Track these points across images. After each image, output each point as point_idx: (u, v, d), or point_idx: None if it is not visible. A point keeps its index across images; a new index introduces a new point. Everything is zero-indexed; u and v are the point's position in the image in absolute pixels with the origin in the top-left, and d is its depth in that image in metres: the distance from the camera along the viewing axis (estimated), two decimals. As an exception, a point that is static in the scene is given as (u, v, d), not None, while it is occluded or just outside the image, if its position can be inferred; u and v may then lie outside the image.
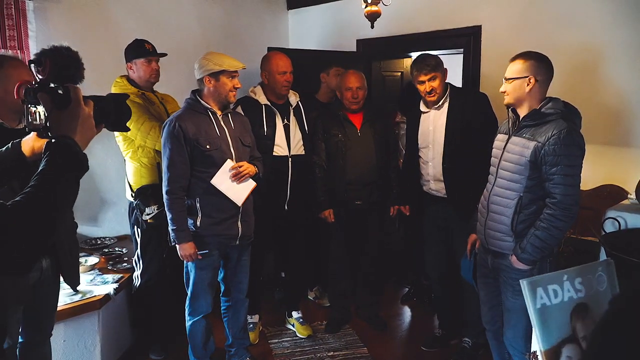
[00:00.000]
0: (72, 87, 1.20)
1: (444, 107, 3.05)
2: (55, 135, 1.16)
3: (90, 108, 1.23)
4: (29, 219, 1.01)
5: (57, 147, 1.13)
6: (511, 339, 2.43)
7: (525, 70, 2.26)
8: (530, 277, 2.29)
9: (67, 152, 1.13)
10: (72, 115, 1.18)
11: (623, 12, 3.04)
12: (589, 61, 3.17)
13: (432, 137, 3.09)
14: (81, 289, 2.77)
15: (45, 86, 1.22)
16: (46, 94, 1.19)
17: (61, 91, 1.19)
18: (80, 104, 1.19)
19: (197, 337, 2.84)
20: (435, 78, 2.95)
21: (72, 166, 1.13)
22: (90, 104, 1.23)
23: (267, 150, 3.13)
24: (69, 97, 1.18)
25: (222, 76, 2.64)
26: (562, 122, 2.18)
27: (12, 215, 0.99)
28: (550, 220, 2.17)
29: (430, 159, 3.10)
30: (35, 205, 1.03)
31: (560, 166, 2.13)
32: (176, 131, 2.56)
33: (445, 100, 3.04)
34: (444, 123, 3.02)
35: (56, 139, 1.15)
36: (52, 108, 1.18)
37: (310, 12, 4.77)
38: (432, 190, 3.14)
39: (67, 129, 1.16)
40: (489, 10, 3.57)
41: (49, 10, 3.31)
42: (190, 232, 2.64)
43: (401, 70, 4.54)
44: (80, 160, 1.15)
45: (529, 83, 2.24)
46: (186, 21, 4.10)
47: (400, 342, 3.50)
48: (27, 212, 1.01)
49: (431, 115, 3.10)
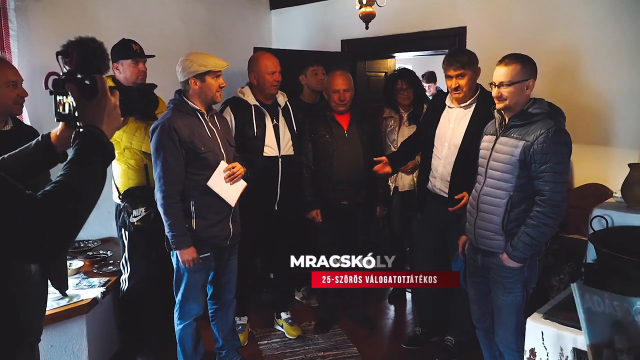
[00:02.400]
0: (99, 78, 1.24)
1: (470, 108, 2.89)
2: (83, 124, 1.20)
3: (116, 98, 1.27)
4: (59, 207, 1.02)
5: (85, 136, 1.17)
6: (502, 337, 2.47)
7: (526, 73, 2.28)
8: (520, 274, 2.36)
9: (95, 141, 1.17)
10: (99, 105, 1.22)
11: (604, 13, 3.10)
12: (571, 62, 3.23)
13: (449, 135, 2.94)
14: (68, 293, 2.72)
15: (72, 77, 1.25)
16: (74, 84, 1.23)
17: (88, 81, 1.23)
18: (107, 94, 1.23)
19: (187, 340, 2.81)
20: (464, 76, 2.78)
21: (100, 155, 1.16)
22: (116, 94, 1.27)
23: (257, 151, 3.11)
24: (96, 87, 1.22)
25: (208, 77, 2.61)
26: (549, 121, 2.23)
27: (43, 205, 1.00)
28: (540, 217, 2.21)
29: (443, 157, 2.97)
30: (65, 193, 1.05)
31: (549, 164, 2.18)
32: (171, 134, 2.52)
33: (473, 102, 2.88)
34: (466, 125, 2.87)
35: (84, 128, 1.19)
36: (80, 98, 1.22)
37: (294, 12, 4.76)
38: (435, 188, 3.03)
39: (95, 119, 1.20)
40: (474, 11, 3.62)
41: (30, 9, 3.23)
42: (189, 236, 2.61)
43: (385, 71, 4.56)
44: (107, 149, 1.19)
45: (529, 87, 2.28)
46: (169, 20, 4.05)
47: (390, 341, 3.52)
48: (57, 201, 1.03)
49: (454, 112, 2.94)
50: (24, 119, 3.07)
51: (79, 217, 1.08)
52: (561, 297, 2.45)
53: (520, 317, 2.36)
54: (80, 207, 1.08)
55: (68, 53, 1.33)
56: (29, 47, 3.23)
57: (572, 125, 2.45)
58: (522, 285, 2.36)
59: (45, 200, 1.01)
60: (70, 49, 1.32)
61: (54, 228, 1.01)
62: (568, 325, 2.14)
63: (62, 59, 1.34)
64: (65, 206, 1.04)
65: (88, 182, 1.11)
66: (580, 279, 2.53)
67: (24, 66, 3.14)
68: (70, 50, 1.32)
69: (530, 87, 2.29)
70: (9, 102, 2.34)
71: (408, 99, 3.73)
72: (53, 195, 1.03)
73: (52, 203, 1.02)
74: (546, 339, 2.13)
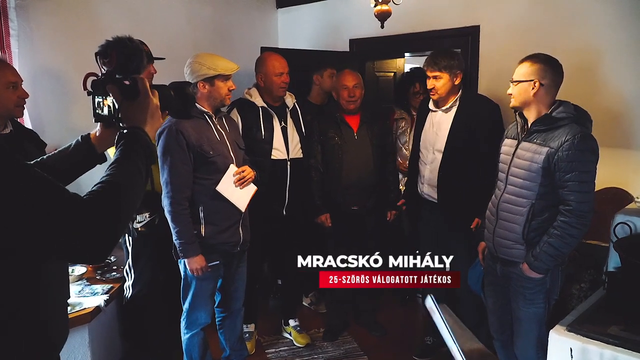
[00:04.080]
0: (139, 79, 1.23)
1: (452, 110, 2.89)
2: (127, 125, 1.21)
3: (156, 98, 1.26)
4: (107, 207, 1.02)
5: (130, 138, 1.18)
6: (522, 349, 2.37)
7: (532, 73, 2.19)
8: (542, 285, 2.26)
9: (139, 142, 1.18)
10: (142, 106, 1.22)
11: (623, 12, 3.00)
12: (589, 62, 3.13)
13: (433, 139, 2.96)
14: (70, 301, 2.63)
15: (112, 78, 1.25)
16: (115, 85, 1.22)
17: (128, 82, 1.22)
18: (149, 95, 1.23)
19: (194, 351, 2.73)
20: (439, 78, 2.79)
21: (144, 156, 1.17)
22: (156, 94, 1.27)
23: (265, 154, 3.03)
24: (137, 88, 1.22)
25: (217, 80, 2.54)
26: (575, 126, 2.12)
27: (91, 204, 1.00)
28: (565, 228, 2.11)
29: (429, 162, 2.98)
30: (112, 193, 1.05)
31: (575, 172, 2.07)
32: (179, 138, 2.44)
33: (454, 104, 2.88)
34: (448, 128, 2.88)
35: (128, 130, 1.19)
36: (122, 99, 1.22)
37: (301, 10, 4.66)
38: (424, 193, 3.03)
39: (138, 120, 1.21)
40: (488, 10, 3.51)
41: (31, 8, 3.14)
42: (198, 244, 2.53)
43: (394, 71, 4.46)
44: (150, 150, 1.20)
45: (534, 87, 2.18)
46: (175, 19, 3.96)
47: (401, 350, 3.42)
48: (105, 200, 1.03)
49: (437, 116, 2.96)
50: (24, 121, 2.99)
51: (125, 216, 1.09)
52: (584, 307, 2.35)
53: (541, 330, 2.26)
54: (126, 207, 1.08)
55: (107, 53, 1.30)
56: (30, 47, 3.14)
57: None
58: (544, 296, 2.26)
59: (93, 200, 1.02)
60: (108, 49, 1.28)
61: (101, 227, 1.00)
62: (593, 338, 2.05)
63: (100, 60, 1.30)
64: (112, 206, 1.04)
65: (133, 183, 1.12)
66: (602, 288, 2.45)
67: (25, 66, 3.06)
68: (109, 50, 1.28)
69: (536, 87, 2.18)
70: (10, 104, 2.26)
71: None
72: (101, 195, 1.03)
73: (100, 202, 1.02)
74: (575, 355, 2.03)
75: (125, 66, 1.29)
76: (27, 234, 0.95)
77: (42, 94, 3.20)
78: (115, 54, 1.29)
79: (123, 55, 1.29)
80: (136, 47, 1.31)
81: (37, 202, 0.95)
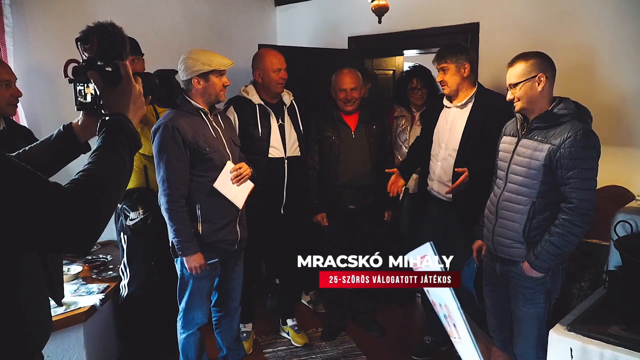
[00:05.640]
0: (121, 64, 1.21)
1: (467, 106, 2.78)
2: (109, 112, 1.18)
3: (139, 85, 1.24)
4: (89, 196, 1.00)
5: (111, 125, 1.15)
6: (521, 349, 2.34)
7: (532, 70, 2.15)
8: (543, 285, 2.23)
9: (122, 130, 1.15)
10: (124, 92, 1.20)
11: (622, 9, 2.97)
12: (589, 59, 3.10)
13: (447, 136, 2.85)
14: (65, 301, 2.60)
15: (93, 64, 1.22)
16: (96, 72, 1.20)
17: (110, 68, 1.20)
18: (131, 81, 1.21)
19: (191, 351, 2.69)
20: (446, 70, 2.71)
21: (127, 143, 1.14)
22: (139, 80, 1.25)
23: (262, 152, 3.00)
24: (119, 75, 1.19)
25: (212, 76, 2.50)
26: (577, 123, 2.09)
27: (72, 194, 0.99)
28: (567, 226, 2.08)
29: (441, 159, 2.88)
30: (94, 182, 1.03)
31: (577, 169, 2.04)
32: (175, 135, 2.41)
33: (469, 101, 2.78)
34: (464, 125, 2.77)
35: (110, 117, 1.17)
36: (103, 86, 1.19)
37: (299, 8, 4.63)
38: (433, 190, 2.95)
39: (120, 107, 1.19)
40: (487, 7, 3.48)
41: (26, 4, 3.12)
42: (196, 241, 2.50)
43: (393, 69, 4.42)
44: (134, 137, 1.17)
45: (540, 82, 2.14)
46: (171, 16, 3.93)
47: (400, 350, 3.39)
48: (86, 189, 1.01)
49: (452, 112, 2.85)
50: (20, 118, 2.96)
51: (108, 205, 1.06)
52: (584, 306, 2.33)
53: (542, 330, 2.24)
54: (109, 196, 1.06)
55: (87, 39, 1.26)
56: (25, 43, 3.12)
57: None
58: (545, 296, 2.23)
59: (73, 189, 1.00)
60: (89, 34, 1.24)
61: (84, 217, 0.99)
62: (594, 338, 2.03)
63: (81, 46, 1.26)
64: (94, 194, 1.01)
65: (116, 171, 1.09)
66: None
67: (20, 63, 3.04)
68: (90, 36, 1.24)
69: (542, 81, 2.13)
70: (2, 102, 2.24)
71: (421, 99, 3.61)
72: (82, 184, 1.01)
73: (80, 191, 1.00)
74: (575, 355, 2.01)
75: (107, 52, 1.24)
76: (6, 224, 0.93)
77: (37, 91, 3.18)
78: (96, 40, 1.24)
79: (104, 42, 1.24)
80: (118, 32, 1.27)
81: (17, 192, 0.93)
